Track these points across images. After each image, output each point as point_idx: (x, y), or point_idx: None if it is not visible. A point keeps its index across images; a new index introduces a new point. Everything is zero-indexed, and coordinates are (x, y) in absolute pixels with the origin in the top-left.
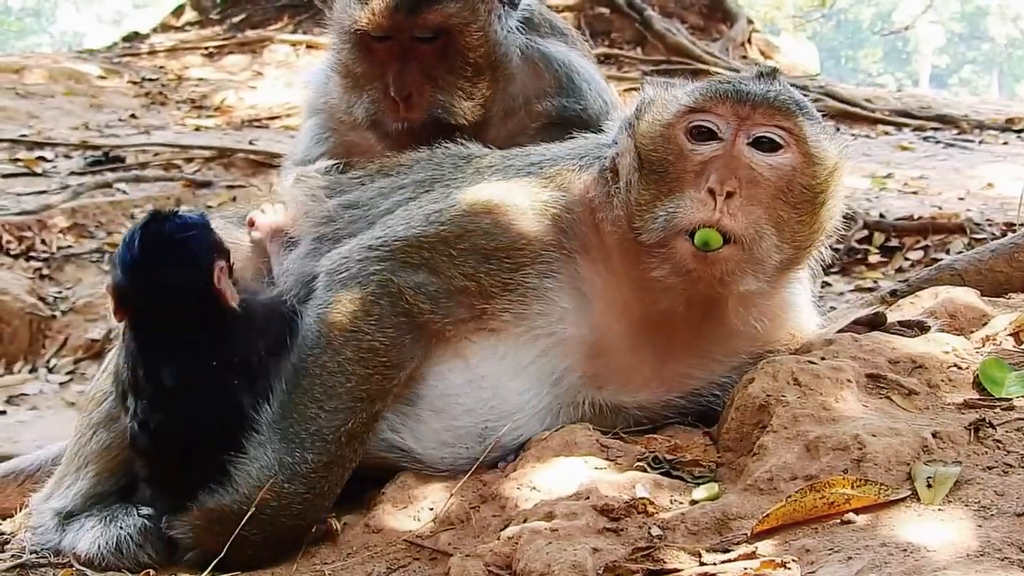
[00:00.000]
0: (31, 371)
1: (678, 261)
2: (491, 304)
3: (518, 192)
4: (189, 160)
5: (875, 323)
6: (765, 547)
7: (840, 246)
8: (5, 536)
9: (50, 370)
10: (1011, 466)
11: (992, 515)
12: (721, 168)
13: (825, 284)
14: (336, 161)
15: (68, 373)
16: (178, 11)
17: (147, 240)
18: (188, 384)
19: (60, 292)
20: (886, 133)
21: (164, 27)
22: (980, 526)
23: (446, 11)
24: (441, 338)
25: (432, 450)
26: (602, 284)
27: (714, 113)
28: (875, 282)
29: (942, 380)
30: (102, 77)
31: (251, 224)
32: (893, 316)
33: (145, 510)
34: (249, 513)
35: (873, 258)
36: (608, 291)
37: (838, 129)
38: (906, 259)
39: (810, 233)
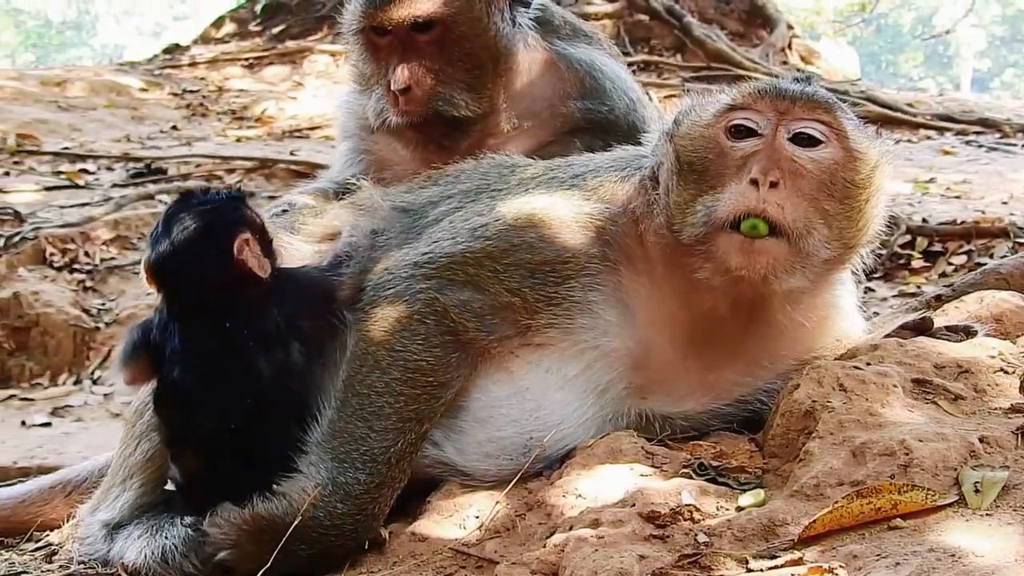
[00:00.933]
0: (75, 383)
1: (722, 256)
2: (535, 319)
3: (562, 205)
4: (231, 171)
5: (921, 328)
6: (812, 553)
7: (883, 251)
8: (53, 547)
9: (94, 382)
10: None
11: None
12: (763, 159)
13: (868, 290)
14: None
15: (112, 384)
16: (218, 23)
17: (171, 216)
18: (217, 350)
19: (104, 304)
20: (928, 138)
21: (204, 39)
22: None
23: (427, 4)
24: (486, 355)
25: (476, 462)
26: (646, 295)
27: (753, 110)
28: (918, 287)
29: (988, 385)
30: (143, 89)
31: None
32: (939, 321)
33: (189, 519)
34: (294, 524)
35: (916, 263)
36: (652, 302)
37: (880, 134)
38: (949, 264)
39: (855, 231)
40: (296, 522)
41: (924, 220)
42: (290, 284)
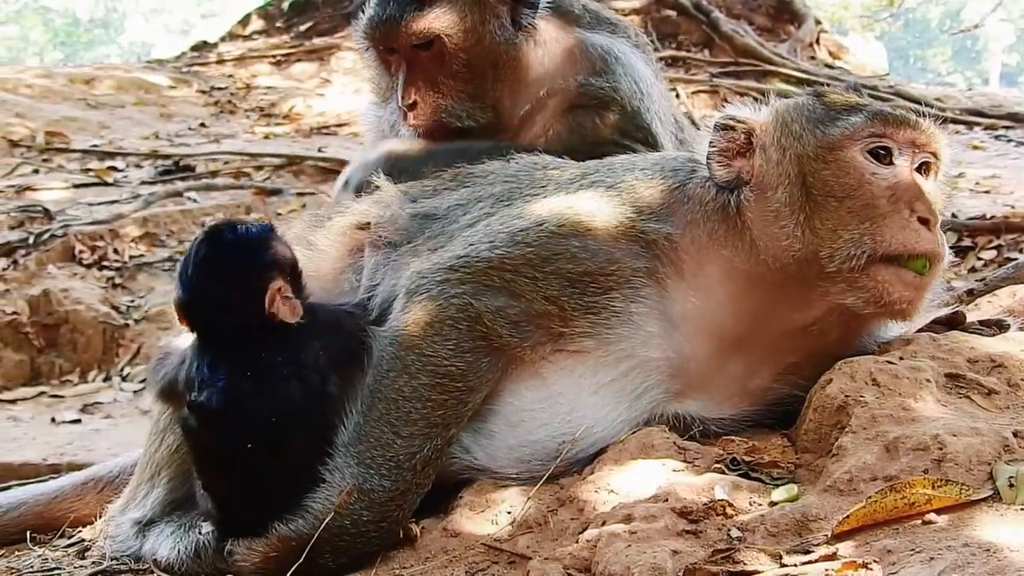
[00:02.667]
0: (105, 380)
1: (881, 287)
2: (571, 327)
3: (607, 213)
4: (259, 168)
5: (954, 323)
6: (846, 548)
7: None
8: (86, 543)
9: (124, 379)
10: None
11: None
12: (922, 197)
13: None
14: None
15: (141, 381)
16: (245, 20)
17: (201, 257)
18: (249, 382)
19: (132, 301)
20: (957, 132)
21: (232, 36)
22: None
23: (427, 18)
24: (518, 361)
25: (506, 467)
26: (694, 310)
27: (891, 139)
28: (948, 282)
29: (1022, 379)
30: (172, 87)
31: None
32: (971, 316)
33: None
34: (316, 537)
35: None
36: (702, 316)
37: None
38: (979, 259)
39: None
40: (320, 532)
41: (953, 215)
42: (325, 316)
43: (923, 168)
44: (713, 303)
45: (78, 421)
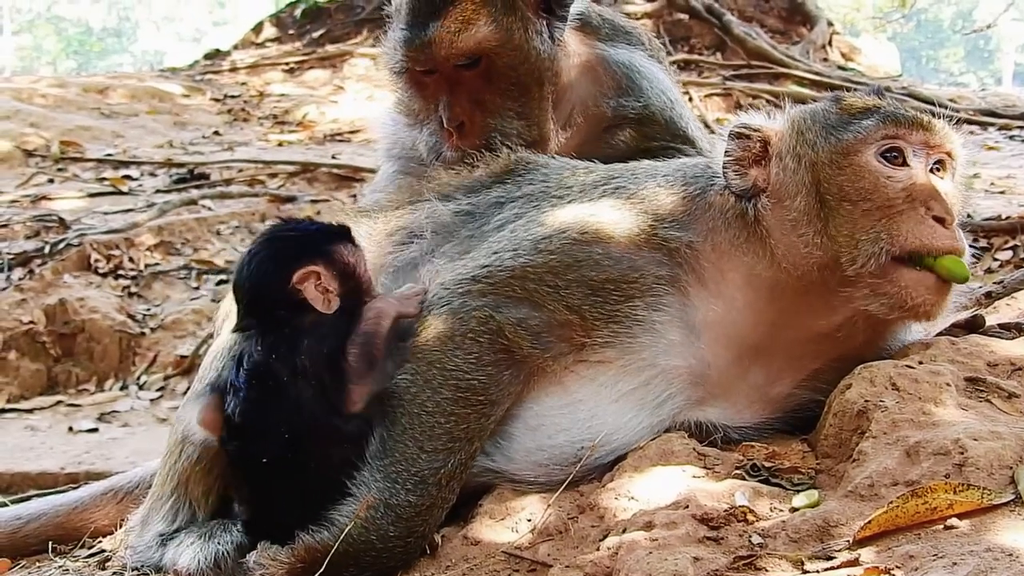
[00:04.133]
0: (122, 388)
1: (905, 290)
2: (593, 337)
3: (631, 220)
4: (273, 175)
5: (973, 326)
6: (868, 554)
7: None
8: (106, 553)
9: (140, 387)
10: None
11: None
12: (937, 196)
13: None
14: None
15: (158, 390)
16: (258, 28)
17: (257, 241)
18: (286, 370)
19: (148, 309)
20: (971, 133)
21: (245, 44)
22: None
23: (478, 36)
24: (540, 372)
25: (525, 470)
26: (716, 318)
27: (904, 140)
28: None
29: None
30: (185, 95)
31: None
32: (990, 319)
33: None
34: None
35: None
36: (724, 324)
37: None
38: (995, 259)
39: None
40: (345, 546)
41: (969, 216)
42: (353, 318)
43: (938, 168)
44: (734, 311)
45: (95, 430)
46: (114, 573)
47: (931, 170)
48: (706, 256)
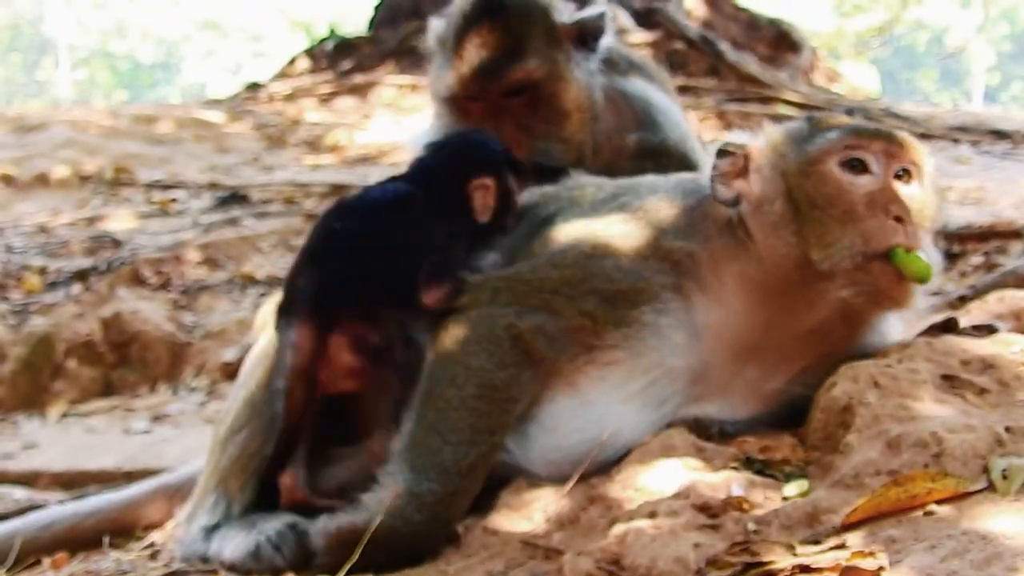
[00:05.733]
0: (172, 392)
1: (875, 283)
2: (603, 340)
3: (636, 235)
4: (308, 196)
5: (948, 328)
6: (854, 538)
7: None
8: (156, 546)
9: (189, 391)
10: None
11: None
12: (895, 199)
13: None
14: None
15: (207, 393)
16: (293, 61)
17: (452, 136)
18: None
19: (196, 320)
20: (944, 148)
21: (281, 76)
22: None
23: (527, 67)
24: (556, 373)
25: (541, 467)
26: (716, 319)
27: (866, 150)
28: (940, 287)
29: (1012, 378)
30: (226, 123)
31: None
32: (963, 320)
33: (286, 517)
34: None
35: None
36: (722, 324)
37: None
38: (968, 265)
39: (938, 260)
40: (374, 532)
41: (943, 225)
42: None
43: (903, 175)
44: (732, 313)
45: (148, 431)
46: (164, 565)
47: (896, 177)
48: (705, 263)
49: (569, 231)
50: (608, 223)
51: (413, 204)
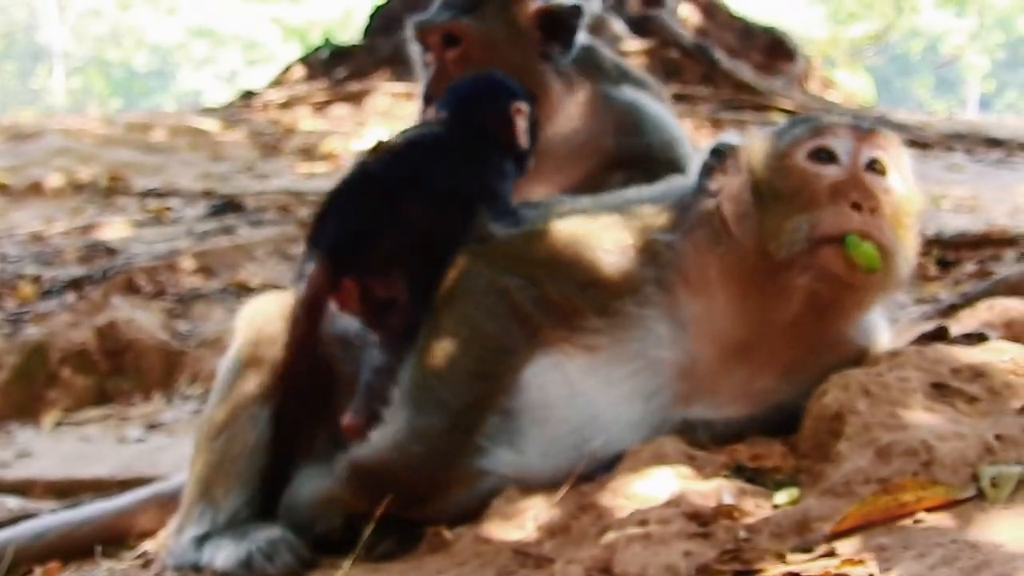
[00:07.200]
0: (167, 401)
1: (826, 268)
2: (587, 322)
3: (620, 228)
4: (302, 204)
5: (939, 336)
6: (844, 546)
7: None
8: (149, 555)
9: (184, 399)
10: None
11: None
12: (859, 185)
13: None
14: None
15: (201, 401)
16: (287, 69)
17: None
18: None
19: (191, 328)
20: (939, 156)
21: (276, 84)
22: None
23: (460, 21)
24: (542, 344)
25: (534, 460)
26: (700, 313)
27: (834, 138)
28: (934, 295)
29: (1002, 386)
30: (221, 131)
31: None
32: (954, 329)
33: (277, 529)
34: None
35: (931, 272)
36: (706, 319)
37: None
38: (962, 272)
39: (910, 253)
40: (376, 465)
41: (937, 232)
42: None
43: (876, 167)
44: (715, 306)
45: (143, 439)
46: (156, 574)
47: (868, 168)
48: (688, 256)
49: (555, 223)
50: (590, 218)
51: (452, 146)
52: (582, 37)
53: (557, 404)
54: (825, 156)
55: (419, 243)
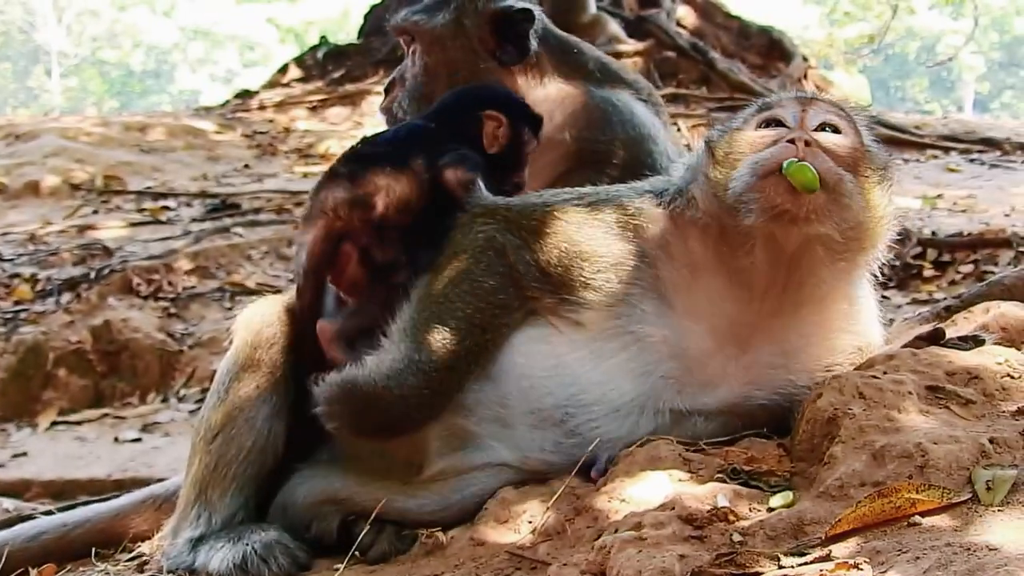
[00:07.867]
0: (162, 401)
1: (769, 197)
2: (574, 295)
3: (604, 209)
4: (299, 204)
5: (935, 339)
6: (839, 550)
7: (897, 262)
8: (144, 557)
9: (180, 399)
10: None
11: None
12: (798, 131)
13: (884, 298)
14: None
15: (196, 402)
16: (284, 69)
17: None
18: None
19: (186, 328)
20: (935, 157)
21: (272, 84)
22: None
23: (413, 18)
24: (531, 311)
25: (522, 434)
26: (685, 287)
27: (781, 109)
28: (930, 295)
29: (996, 389)
30: (217, 132)
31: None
32: (949, 331)
33: (273, 532)
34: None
35: (927, 272)
36: (691, 293)
37: (890, 154)
38: (958, 272)
39: (871, 218)
40: (371, 388)
41: (933, 233)
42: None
43: (829, 130)
44: (700, 280)
45: (139, 440)
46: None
47: (816, 129)
48: (670, 231)
49: (543, 199)
50: (571, 203)
51: (428, 134)
52: (534, 42)
53: (541, 374)
54: (774, 124)
55: (410, 208)
